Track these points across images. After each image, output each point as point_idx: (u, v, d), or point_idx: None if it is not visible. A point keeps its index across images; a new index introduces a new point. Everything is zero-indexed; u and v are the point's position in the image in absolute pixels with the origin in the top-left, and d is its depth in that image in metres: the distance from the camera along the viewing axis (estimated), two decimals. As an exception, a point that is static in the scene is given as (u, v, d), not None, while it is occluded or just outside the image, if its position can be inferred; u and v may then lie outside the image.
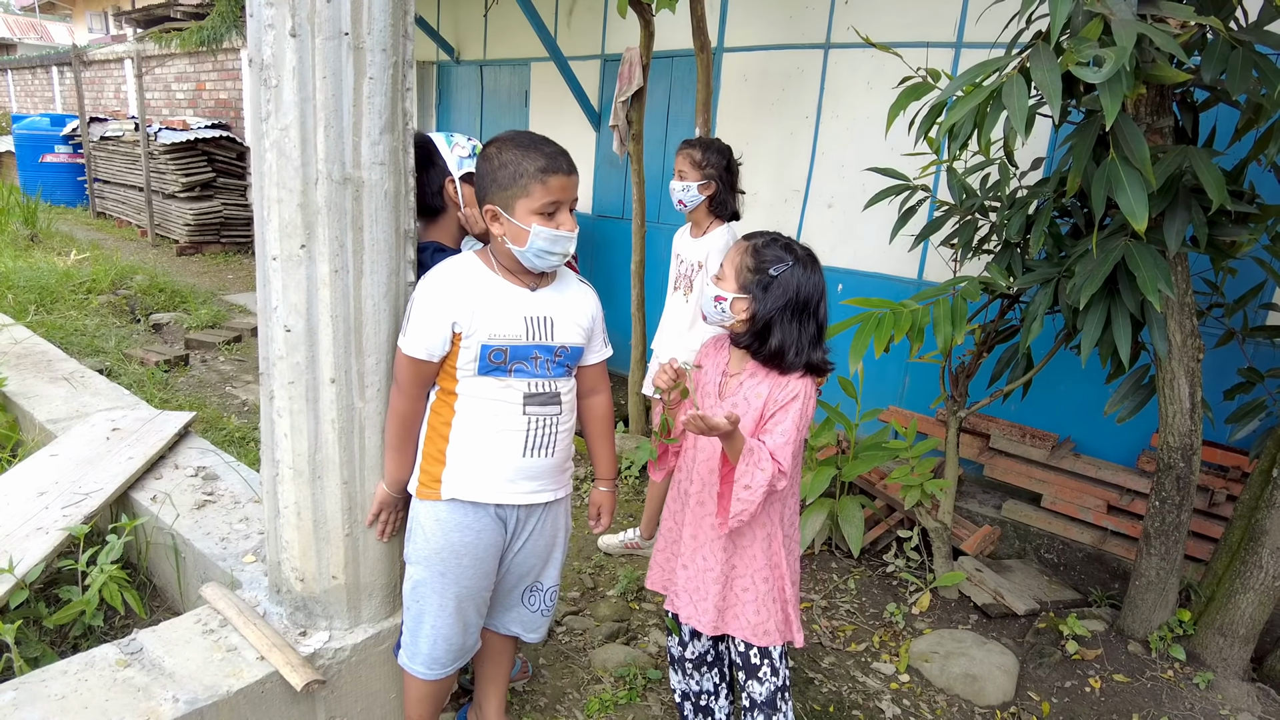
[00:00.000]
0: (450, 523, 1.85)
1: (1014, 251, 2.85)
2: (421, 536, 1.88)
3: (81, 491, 2.59)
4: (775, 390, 1.85)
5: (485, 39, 6.58)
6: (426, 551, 1.87)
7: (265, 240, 1.79)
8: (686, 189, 2.99)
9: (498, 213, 1.75)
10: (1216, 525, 3.20)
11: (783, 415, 1.82)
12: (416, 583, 1.90)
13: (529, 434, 1.85)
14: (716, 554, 1.96)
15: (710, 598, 1.96)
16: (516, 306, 1.81)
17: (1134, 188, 2.11)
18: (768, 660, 2.01)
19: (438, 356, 1.80)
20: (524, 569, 2.03)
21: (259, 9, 1.66)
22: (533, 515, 1.96)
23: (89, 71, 13.23)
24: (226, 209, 9.48)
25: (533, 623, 2.12)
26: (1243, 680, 2.71)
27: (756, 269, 1.85)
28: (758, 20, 4.61)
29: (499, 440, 1.83)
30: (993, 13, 3.18)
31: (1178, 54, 1.88)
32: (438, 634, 1.91)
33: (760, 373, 1.89)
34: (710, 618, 1.97)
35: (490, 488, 1.85)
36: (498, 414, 1.82)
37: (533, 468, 1.88)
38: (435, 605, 1.90)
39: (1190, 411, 2.66)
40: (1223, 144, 2.67)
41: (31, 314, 5.78)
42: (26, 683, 1.78)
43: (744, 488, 1.77)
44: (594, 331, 1.99)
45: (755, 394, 1.87)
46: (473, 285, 1.78)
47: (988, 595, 3.18)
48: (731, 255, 1.91)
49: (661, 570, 2.13)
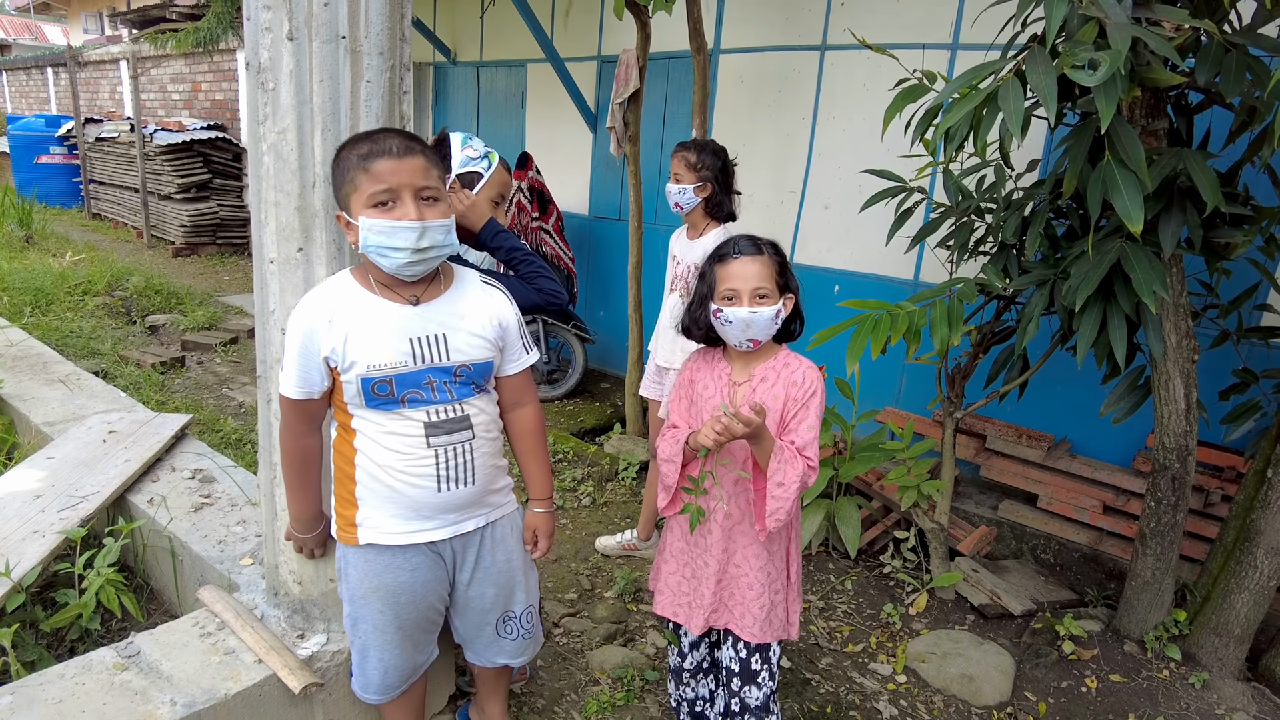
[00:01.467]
0: (379, 564, 1.71)
1: (1010, 253, 2.86)
2: (354, 577, 1.74)
3: (78, 494, 2.59)
4: (792, 390, 1.85)
5: (482, 40, 6.58)
6: (360, 593, 1.74)
7: (263, 243, 1.79)
8: (683, 191, 2.98)
9: (345, 219, 1.58)
10: (1212, 525, 3.21)
11: (804, 413, 1.83)
12: (355, 620, 1.79)
13: (439, 466, 1.66)
14: (716, 554, 1.95)
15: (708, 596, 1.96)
16: (397, 327, 1.60)
17: (1130, 190, 2.12)
18: (766, 665, 2.01)
19: (318, 393, 1.63)
20: (487, 602, 1.89)
21: (256, 12, 1.66)
22: (470, 543, 1.81)
23: (84, 72, 13.20)
24: (222, 210, 9.47)
25: (517, 649, 1.99)
26: (1238, 680, 2.73)
27: (783, 268, 1.87)
28: (754, 22, 4.62)
29: (407, 479, 1.65)
30: (988, 15, 3.19)
31: (1172, 57, 1.88)
32: (387, 664, 1.81)
33: (770, 375, 1.88)
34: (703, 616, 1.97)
35: (408, 529, 1.69)
36: (399, 449, 1.63)
37: (452, 500, 1.70)
38: (378, 641, 1.79)
39: (1185, 412, 2.67)
40: (1217, 146, 2.68)
41: (27, 316, 5.76)
42: (24, 686, 1.77)
43: (778, 485, 1.77)
44: (506, 339, 1.76)
45: (772, 396, 1.86)
46: (343, 310, 1.58)
47: (984, 596, 3.19)
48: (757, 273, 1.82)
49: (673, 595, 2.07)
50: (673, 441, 1.92)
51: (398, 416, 1.63)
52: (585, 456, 4.33)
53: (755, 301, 1.81)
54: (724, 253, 1.87)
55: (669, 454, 1.92)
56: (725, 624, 2.00)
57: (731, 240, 1.90)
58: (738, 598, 1.97)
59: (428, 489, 1.67)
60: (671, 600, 2.07)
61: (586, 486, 4.05)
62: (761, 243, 1.87)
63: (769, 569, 1.95)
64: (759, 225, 4.74)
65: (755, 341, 1.85)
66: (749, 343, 1.85)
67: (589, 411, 5.17)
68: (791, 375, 1.87)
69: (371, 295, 1.61)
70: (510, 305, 1.79)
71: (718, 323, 1.86)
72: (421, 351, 1.61)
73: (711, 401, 1.91)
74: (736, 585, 1.96)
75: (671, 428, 1.98)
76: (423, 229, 1.52)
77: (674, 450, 1.91)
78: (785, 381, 1.86)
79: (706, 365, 1.98)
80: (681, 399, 2.00)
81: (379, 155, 1.51)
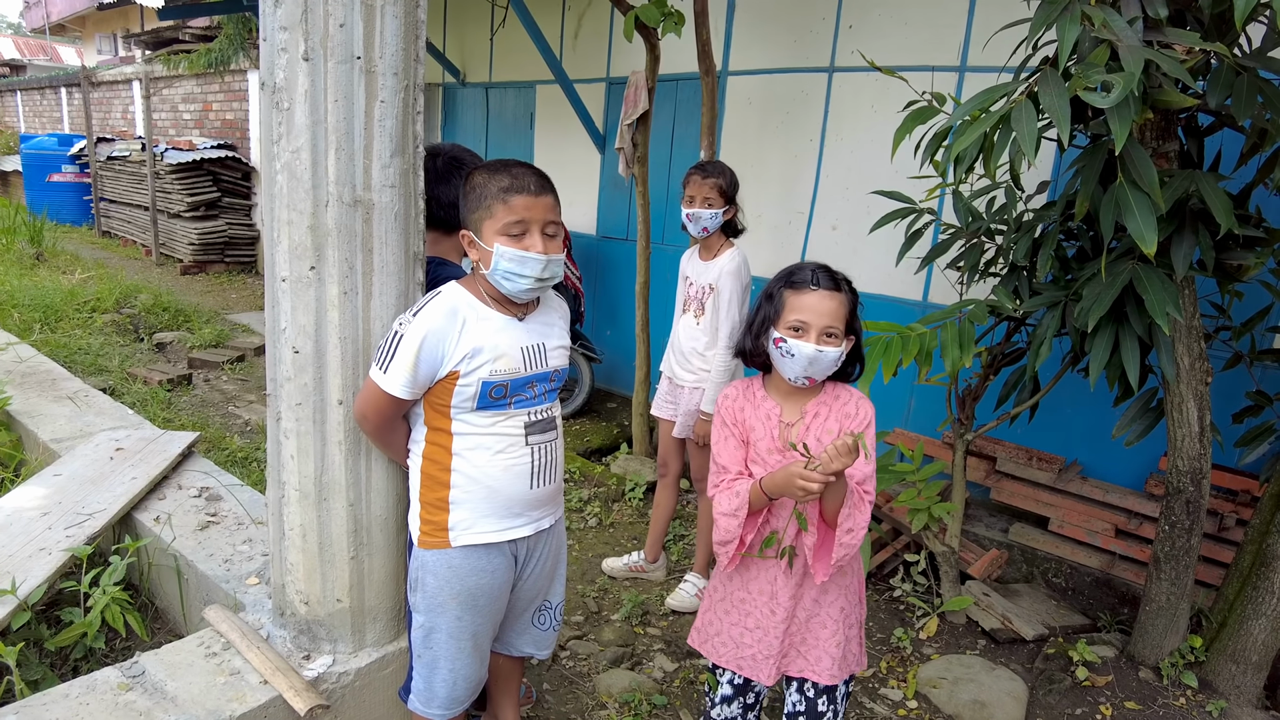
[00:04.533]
0: (465, 568, 1.79)
1: (1021, 274, 2.86)
2: (434, 585, 1.80)
3: (85, 512, 2.58)
4: (846, 423, 1.75)
5: (491, 61, 6.64)
6: (440, 599, 1.80)
7: (275, 262, 1.80)
8: (714, 216, 2.96)
9: (471, 238, 1.72)
10: (1227, 550, 3.18)
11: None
12: (429, 630, 1.83)
13: (534, 464, 1.81)
14: (784, 601, 1.82)
15: (775, 644, 1.84)
16: (513, 338, 1.75)
17: (1143, 212, 2.12)
18: (833, 706, 1.89)
19: (421, 393, 1.74)
20: (533, 592, 2.00)
21: (273, 33, 1.67)
22: (541, 539, 1.93)
23: (97, 92, 13.35)
24: (231, 229, 9.53)
25: (544, 640, 2.08)
26: (1256, 708, 2.68)
27: (854, 309, 1.76)
28: (762, 44, 4.65)
29: (507, 476, 1.78)
30: (996, 38, 3.20)
31: (1184, 79, 1.89)
32: (457, 675, 1.86)
33: (822, 410, 1.77)
34: (774, 665, 1.85)
35: (501, 526, 1.81)
36: (502, 449, 1.77)
37: (540, 496, 1.85)
38: (453, 649, 1.84)
39: (1199, 435, 2.64)
40: (1228, 168, 2.68)
41: (36, 332, 5.79)
42: (28, 706, 1.76)
43: (847, 531, 1.67)
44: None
45: (826, 431, 1.75)
46: (471, 320, 1.71)
47: (996, 620, 3.15)
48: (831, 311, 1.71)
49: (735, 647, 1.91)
50: (733, 495, 1.75)
51: (504, 417, 1.77)
52: (592, 477, 4.31)
53: (823, 340, 1.69)
54: (799, 280, 1.74)
55: (732, 507, 1.74)
56: (799, 670, 1.87)
57: (808, 268, 1.76)
58: (811, 641, 1.85)
59: (523, 485, 1.80)
60: (734, 653, 1.90)
61: (593, 507, 4.02)
62: (840, 278, 1.75)
63: (843, 604, 1.84)
64: (768, 246, 4.75)
65: (812, 381, 1.74)
66: (805, 380, 1.73)
67: (595, 431, 5.15)
68: (844, 407, 1.77)
69: (490, 309, 1.75)
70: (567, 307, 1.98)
71: (776, 352, 1.74)
72: (529, 359, 1.78)
73: (761, 444, 1.78)
74: (809, 629, 1.84)
75: (722, 471, 1.81)
76: (547, 261, 1.69)
77: (738, 503, 1.73)
78: (838, 414, 1.76)
79: (750, 404, 1.83)
80: (729, 440, 1.82)
81: (519, 191, 1.67)
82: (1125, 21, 1.96)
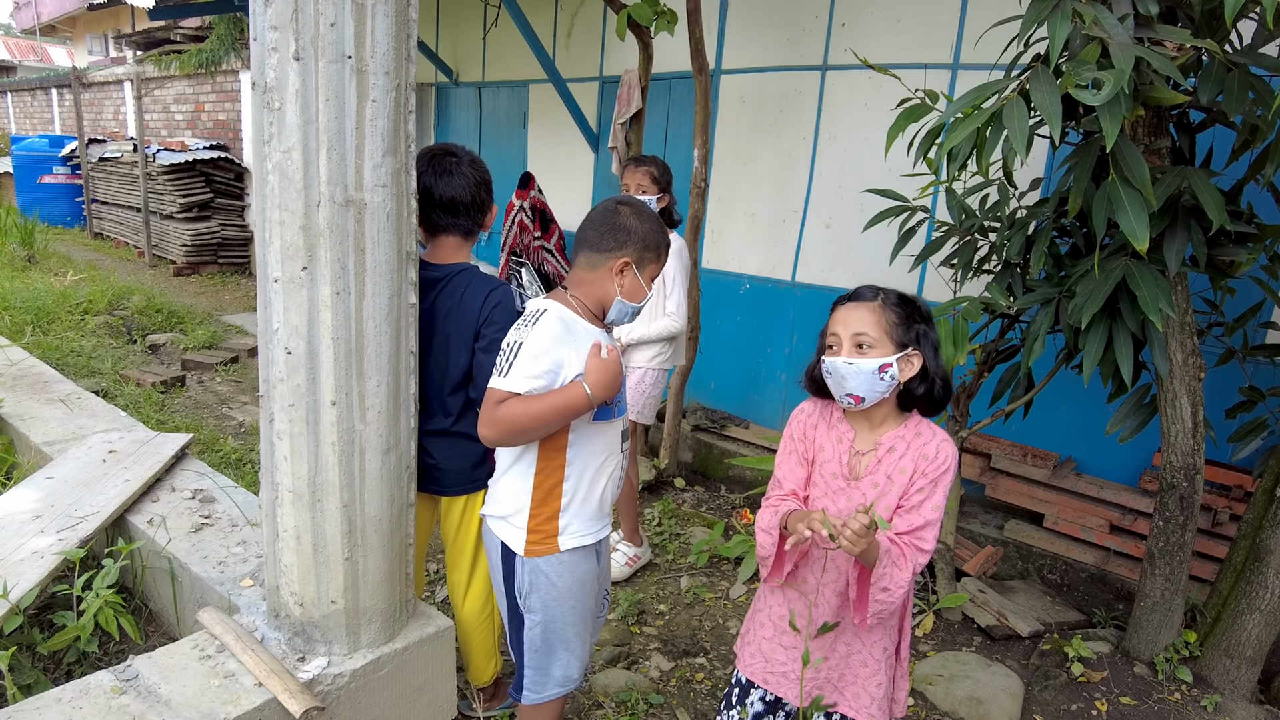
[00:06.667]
0: (571, 564, 1.89)
1: (1014, 272, 2.86)
2: (547, 586, 1.88)
3: (77, 515, 2.57)
4: (922, 464, 1.62)
5: (484, 61, 6.63)
6: (555, 595, 1.89)
7: (267, 262, 1.79)
8: (651, 202, 3.16)
9: (630, 267, 1.82)
10: (1220, 545, 3.19)
11: (932, 489, 1.61)
12: (545, 627, 1.92)
13: (620, 467, 1.94)
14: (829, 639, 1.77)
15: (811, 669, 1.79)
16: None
17: (1135, 208, 2.12)
18: None
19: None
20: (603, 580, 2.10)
21: (263, 33, 1.66)
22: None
23: (88, 93, 13.30)
24: (224, 229, 9.50)
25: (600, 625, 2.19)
26: (1250, 703, 2.69)
27: (907, 317, 1.64)
28: (755, 43, 4.65)
29: (607, 479, 1.90)
30: (988, 36, 3.21)
31: (1175, 76, 1.89)
32: (572, 657, 1.97)
33: (899, 445, 1.66)
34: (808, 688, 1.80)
35: (595, 528, 1.92)
36: (606, 454, 1.88)
37: (615, 496, 1.97)
38: (569, 635, 1.95)
39: (1192, 430, 2.65)
40: (1219, 164, 2.69)
41: (28, 335, 5.76)
42: (20, 711, 1.75)
43: (882, 589, 1.57)
44: None
45: (899, 470, 1.64)
46: (584, 335, 1.79)
47: (991, 617, 3.16)
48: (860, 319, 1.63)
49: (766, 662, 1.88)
50: (773, 513, 1.71)
51: (610, 424, 1.88)
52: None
53: (854, 351, 1.61)
54: (839, 298, 1.71)
55: (768, 524, 1.71)
56: (836, 704, 1.81)
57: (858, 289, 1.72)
58: (849, 677, 1.78)
59: (615, 486, 1.94)
60: (763, 667, 1.87)
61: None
62: (884, 291, 1.66)
63: (887, 645, 1.76)
64: (761, 244, 4.76)
65: (856, 398, 1.63)
66: (849, 399, 1.64)
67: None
68: (924, 448, 1.63)
69: (591, 325, 1.84)
70: None
71: (824, 377, 1.68)
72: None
73: (828, 467, 1.72)
74: (849, 664, 1.78)
75: (776, 485, 1.79)
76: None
77: (773, 523, 1.70)
78: (916, 454, 1.63)
79: (825, 424, 1.76)
80: (792, 456, 1.77)
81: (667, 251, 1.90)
82: (1116, 19, 1.96)
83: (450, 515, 2.30)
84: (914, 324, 1.64)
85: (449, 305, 2.11)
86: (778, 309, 4.76)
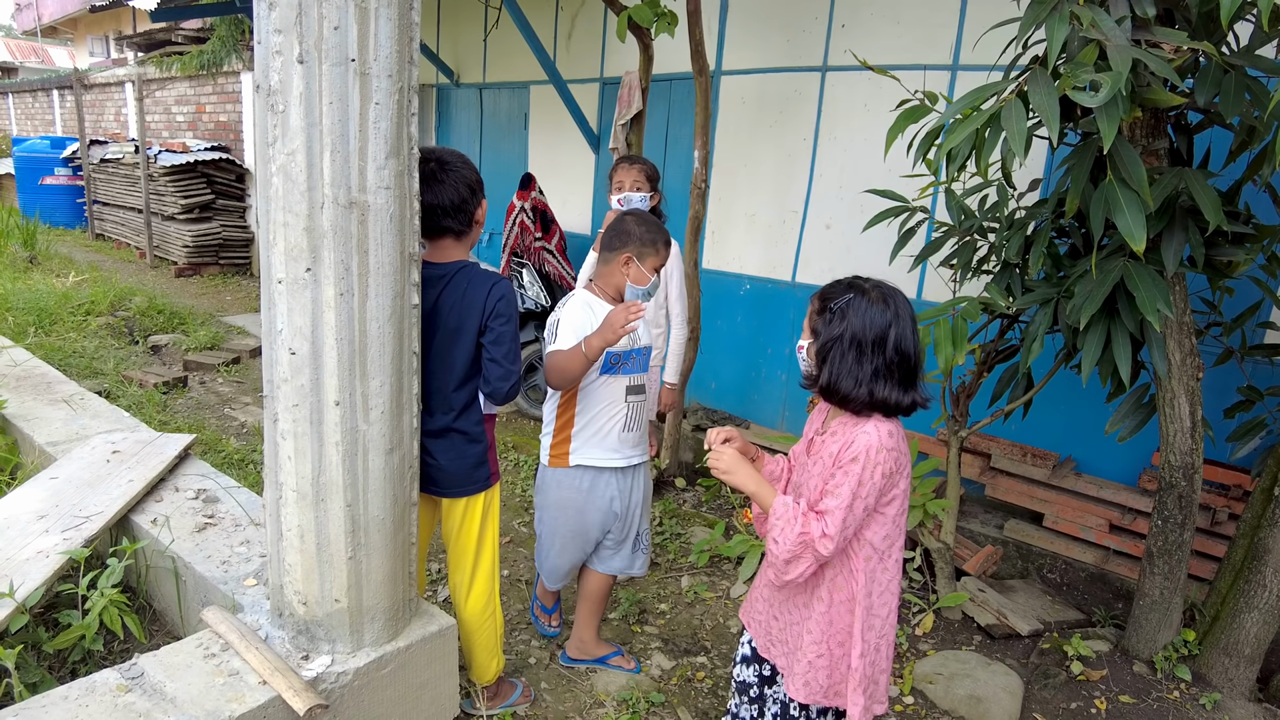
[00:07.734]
0: (567, 483, 2.53)
1: (1013, 272, 2.87)
2: (544, 492, 2.60)
3: (82, 515, 2.58)
4: (842, 450, 1.72)
5: (485, 62, 6.64)
6: (543, 502, 2.61)
7: (270, 264, 1.80)
8: (644, 199, 3.29)
9: (632, 260, 2.39)
10: (1219, 544, 3.20)
11: (842, 477, 1.69)
12: (539, 523, 2.66)
13: (627, 415, 2.51)
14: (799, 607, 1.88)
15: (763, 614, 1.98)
16: None
17: (1132, 209, 2.13)
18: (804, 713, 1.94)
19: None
20: (634, 519, 2.64)
21: (267, 36, 1.68)
22: (630, 475, 2.59)
23: (89, 95, 13.31)
24: (225, 230, 9.51)
25: (642, 563, 2.74)
26: (1249, 701, 2.70)
27: (820, 310, 1.77)
28: (755, 44, 4.67)
29: (611, 422, 2.49)
30: (988, 37, 3.22)
31: (1172, 78, 1.90)
32: (545, 557, 2.67)
33: (841, 430, 1.76)
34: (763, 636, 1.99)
35: (605, 457, 2.51)
36: (608, 401, 2.48)
37: (629, 439, 2.54)
38: (545, 536, 2.64)
39: (1191, 430, 2.66)
40: (1217, 165, 2.70)
41: (31, 336, 5.78)
42: (27, 709, 1.76)
43: (772, 540, 1.72)
44: None
45: (828, 452, 1.76)
46: (600, 311, 2.39)
47: (991, 616, 3.17)
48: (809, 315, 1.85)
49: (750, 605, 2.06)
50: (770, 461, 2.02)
51: (614, 380, 2.47)
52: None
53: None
54: None
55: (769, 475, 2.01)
56: (774, 661, 1.94)
57: None
58: (792, 644, 1.88)
59: (618, 428, 2.51)
60: (748, 610, 2.07)
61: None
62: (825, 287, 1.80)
63: (827, 626, 1.81)
64: (761, 244, 4.77)
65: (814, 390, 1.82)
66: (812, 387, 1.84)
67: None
68: (850, 434, 1.72)
69: (607, 305, 2.43)
70: None
71: None
72: (632, 339, 2.46)
73: (801, 444, 1.94)
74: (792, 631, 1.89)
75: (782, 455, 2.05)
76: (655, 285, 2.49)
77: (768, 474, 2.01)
78: (842, 439, 1.74)
79: (816, 413, 1.95)
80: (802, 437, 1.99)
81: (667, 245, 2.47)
82: (1113, 21, 1.97)
83: (451, 516, 2.32)
84: (825, 312, 1.77)
85: (452, 301, 2.15)
86: (778, 309, 4.77)
